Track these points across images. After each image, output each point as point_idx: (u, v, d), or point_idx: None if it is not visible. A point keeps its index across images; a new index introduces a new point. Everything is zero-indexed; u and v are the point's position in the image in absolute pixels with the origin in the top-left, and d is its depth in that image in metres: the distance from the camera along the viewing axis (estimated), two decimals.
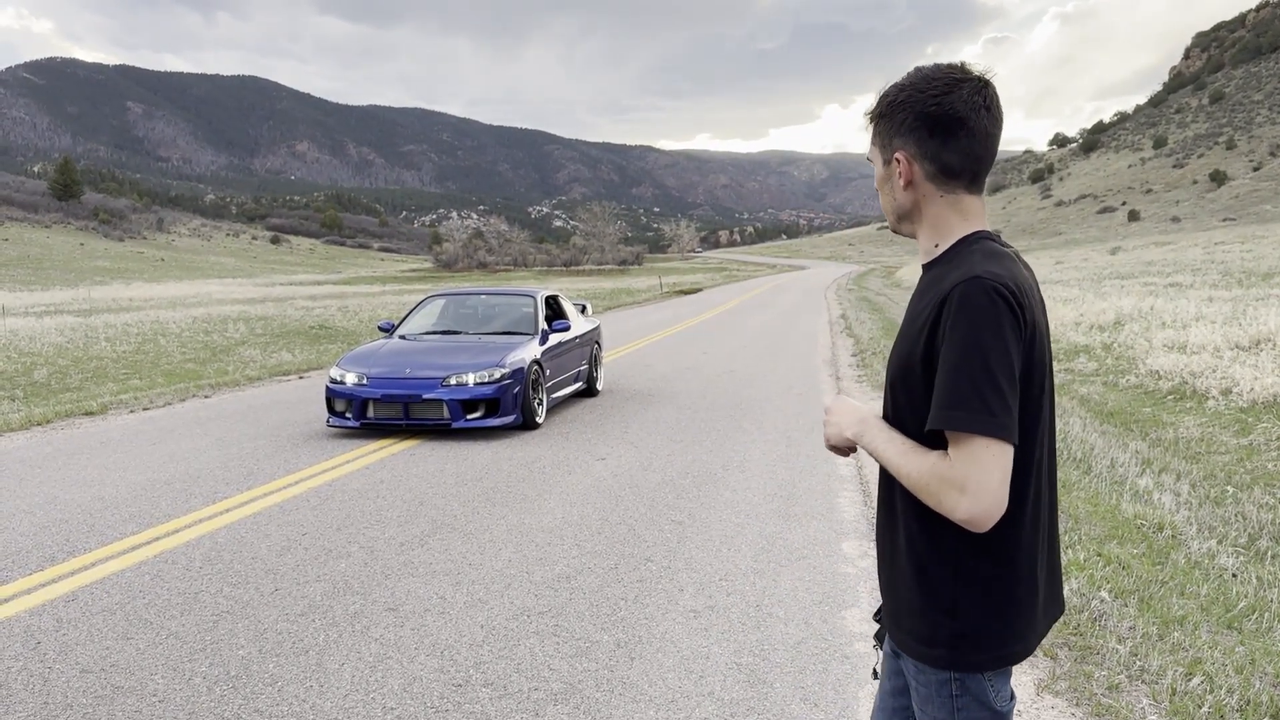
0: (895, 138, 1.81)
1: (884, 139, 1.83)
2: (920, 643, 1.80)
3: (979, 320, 1.63)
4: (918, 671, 1.83)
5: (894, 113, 1.80)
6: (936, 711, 1.80)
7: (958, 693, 1.78)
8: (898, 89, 1.80)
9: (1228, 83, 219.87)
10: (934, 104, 1.75)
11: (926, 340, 1.71)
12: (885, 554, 1.91)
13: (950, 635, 1.75)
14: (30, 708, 3.71)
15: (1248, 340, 12.84)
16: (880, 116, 1.83)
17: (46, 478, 7.78)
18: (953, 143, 1.76)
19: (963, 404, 1.61)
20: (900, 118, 1.79)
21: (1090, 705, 3.60)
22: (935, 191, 1.81)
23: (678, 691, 3.82)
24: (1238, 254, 45.53)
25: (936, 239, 1.83)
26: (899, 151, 1.80)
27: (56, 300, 47.61)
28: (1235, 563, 5.08)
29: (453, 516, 6.47)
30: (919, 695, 1.84)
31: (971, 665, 1.76)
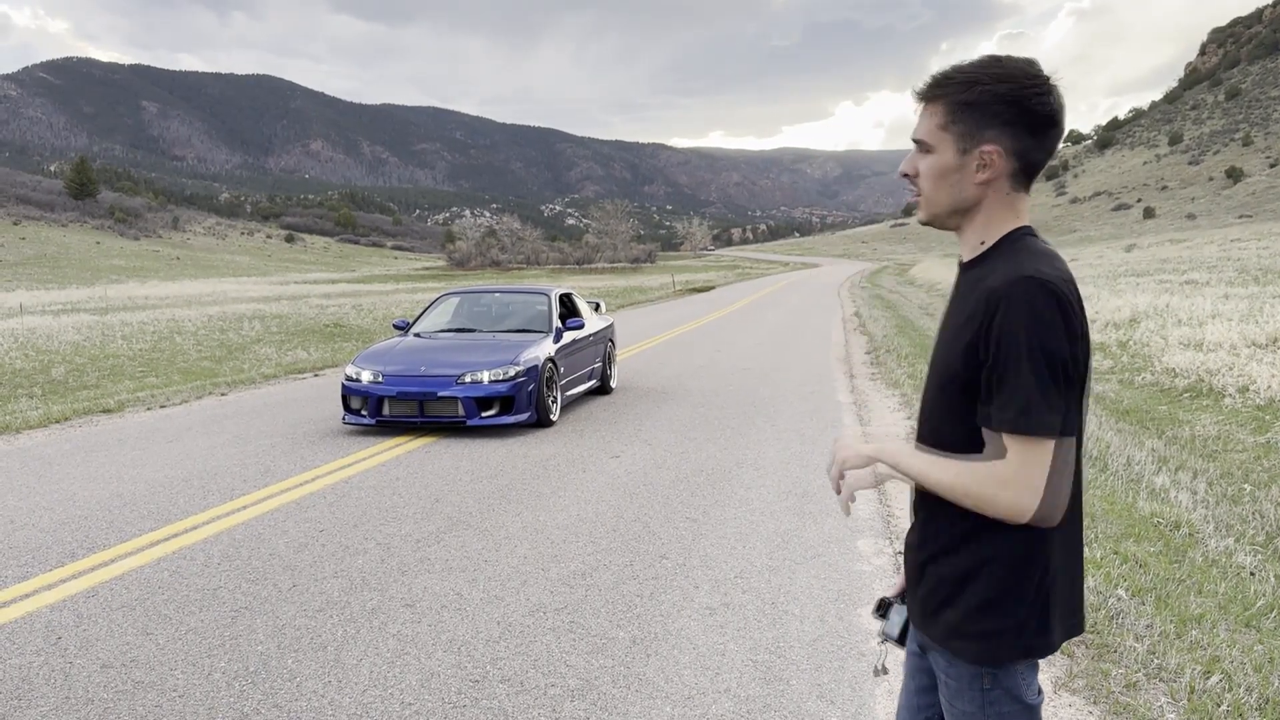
0: (988, 129, 1.72)
1: (968, 128, 1.73)
2: (954, 636, 1.78)
3: (1036, 319, 1.62)
4: (948, 665, 1.81)
5: (991, 104, 1.71)
6: (966, 705, 1.79)
7: (989, 686, 1.77)
8: (994, 78, 1.71)
9: (1244, 79, 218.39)
10: (1040, 102, 1.70)
11: (971, 340, 1.68)
12: (919, 545, 1.88)
13: (987, 628, 1.74)
14: (52, 702, 3.75)
15: (1265, 338, 12.77)
16: (968, 104, 1.72)
17: (65, 474, 7.83)
18: (1044, 142, 1.74)
19: (1025, 405, 1.61)
20: (998, 109, 1.71)
21: (1108, 703, 3.59)
22: (1005, 188, 1.77)
23: (694, 688, 3.83)
24: (1254, 251, 45.22)
25: (984, 236, 1.80)
26: (991, 145, 1.73)
27: (73, 298, 47.92)
28: (1253, 561, 5.06)
29: (468, 513, 6.49)
30: (949, 689, 1.82)
31: (1005, 658, 1.75)
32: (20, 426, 10.13)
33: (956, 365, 1.72)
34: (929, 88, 1.77)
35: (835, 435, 1.92)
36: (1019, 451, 1.62)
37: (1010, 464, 1.62)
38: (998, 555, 1.73)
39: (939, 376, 1.79)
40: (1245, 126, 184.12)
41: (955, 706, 1.82)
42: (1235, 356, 11.64)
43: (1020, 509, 1.62)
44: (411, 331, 11.29)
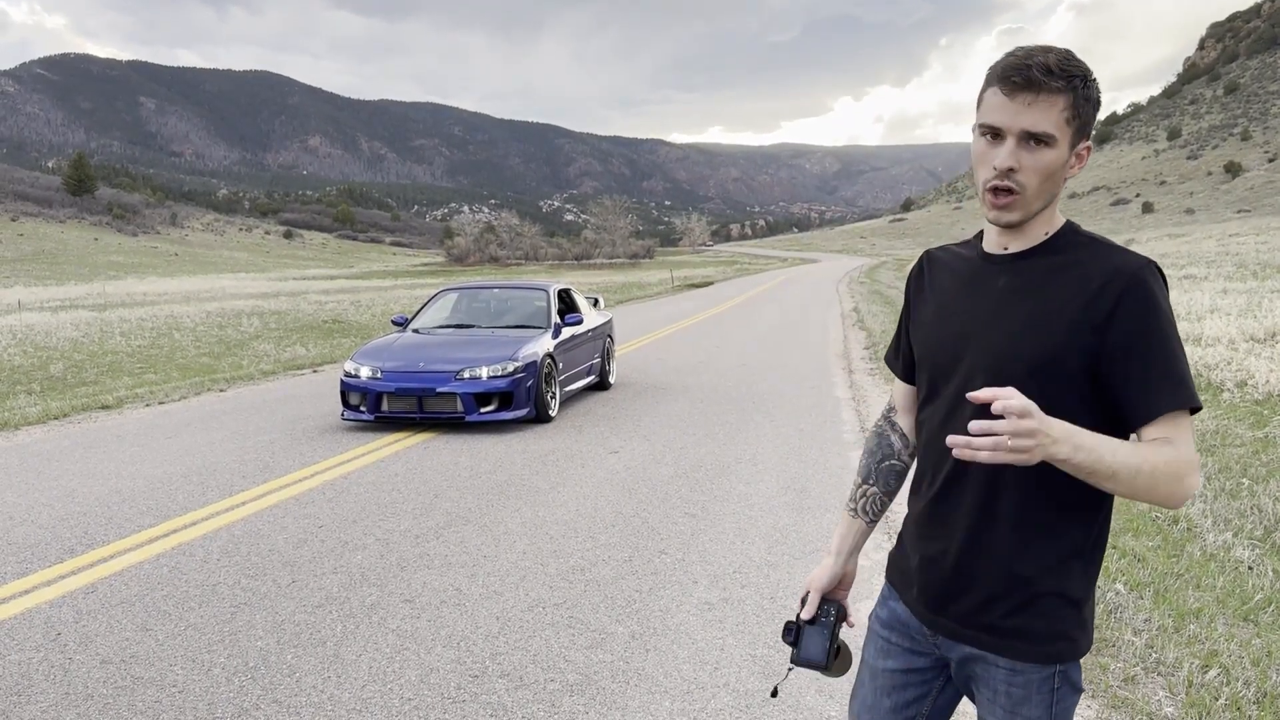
0: (1090, 125, 1.71)
1: (1085, 123, 1.69)
2: (1033, 643, 1.71)
3: (1167, 304, 1.65)
4: (1011, 675, 1.74)
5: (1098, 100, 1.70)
6: (1034, 710, 1.73)
7: (1059, 684, 1.73)
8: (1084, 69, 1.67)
9: (1242, 73, 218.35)
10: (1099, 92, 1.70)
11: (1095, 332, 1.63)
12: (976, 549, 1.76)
13: (1075, 625, 1.72)
14: (51, 698, 3.75)
15: (1263, 332, 12.78)
16: (1088, 100, 1.67)
17: (64, 471, 7.84)
18: None
19: (1188, 383, 1.62)
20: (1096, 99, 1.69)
21: (1106, 697, 3.60)
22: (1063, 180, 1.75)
23: (693, 683, 3.83)
24: (1252, 246, 45.23)
25: (1048, 227, 1.75)
26: (1088, 141, 1.71)
27: (71, 295, 47.89)
28: (1251, 555, 5.06)
29: (467, 509, 6.50)
30: (1010, 698, 1.74)
31: (1084, 651, 1.75)
32: (19, 423, 10.13)
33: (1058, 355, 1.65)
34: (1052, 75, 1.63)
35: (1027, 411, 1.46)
36: (1177, 430, 1.61)
37: (1188, 446, 1.60)
38: (1082, 549, 1.71)
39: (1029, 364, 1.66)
40: (1244, 121, 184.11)
41: (1019, 714, 1.74)
42: (1233, 351, 11.65)
43: (1187, 491, 1.59)
44: (410, 327, 11.29)
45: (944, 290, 1.88)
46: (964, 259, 1.87)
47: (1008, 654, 1.74)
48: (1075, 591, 1.71)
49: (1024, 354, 1.68)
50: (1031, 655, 1.72)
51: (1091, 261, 1.67)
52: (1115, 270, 1.64)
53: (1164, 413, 1.60)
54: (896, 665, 1.93)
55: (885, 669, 1.94)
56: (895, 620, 1.95)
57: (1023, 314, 1.70)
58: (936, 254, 1.97)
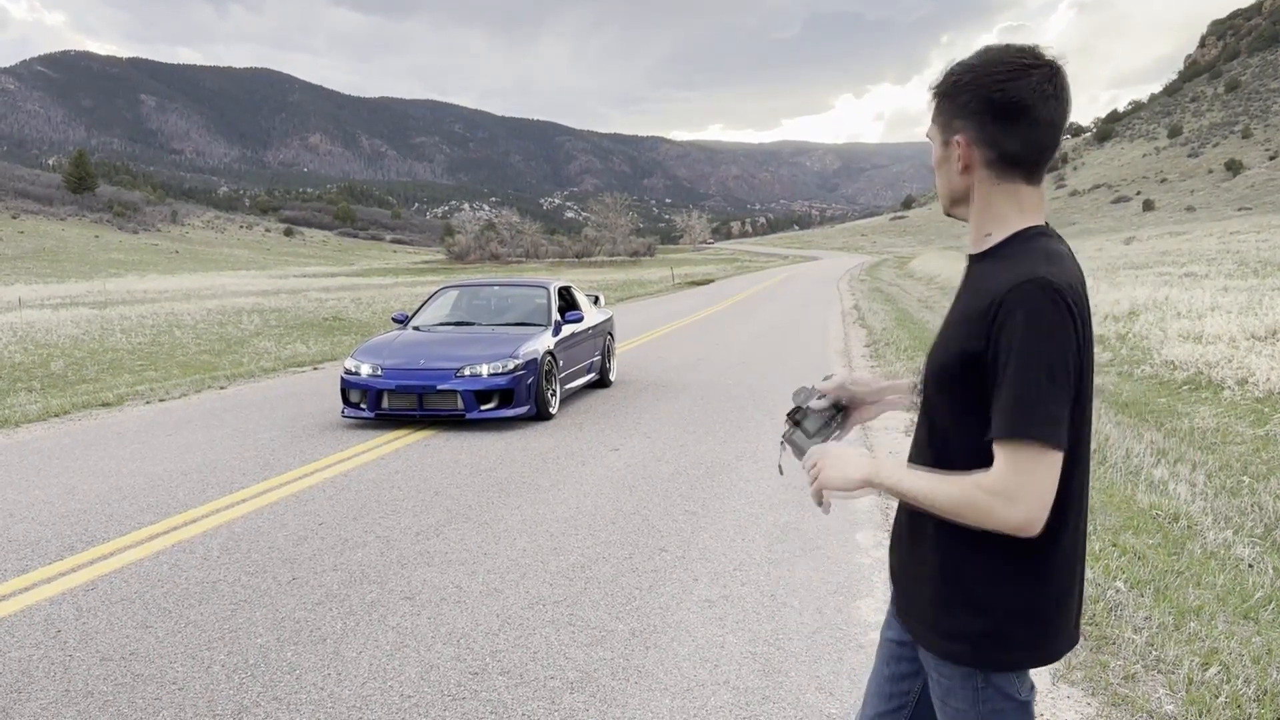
0: (956, 119, 1.73)
1: (945, 119, 1.75)
2: (941, 637, 1.77)
3: (1041, 325, 1.59)
4: (938, 663, 1.80)
5: (958, 93, 1.72)
6: (959, 703, 1.78)
7: (982, 685, 1.75)
8: (963, 68, 1.72)
9: (1244, 71, 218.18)
10: (999, 89, 1.67)
11: (976, 339, 1.65)
12: (905, 539, 1.88)
13: (976, 632, 1.72)
14: (51, 695, 3.75)
15: (1264, 330, 12.77)
16: (943, 95, 1.75)
17: (64, 468, 7.84)
18: (1014, 130, 1.69)
19: (1027, 412, 1.58)
20: (964, 99, 1.71)
21: (1106, 695, 3.60)
22: (992, 179, 1.74)
23: (693, 680, 3.83)
24: (1253, 244, 45.20)
25: (989, 229, 1.76)
26: (959, 134, 1.73)
27: (72, 293, 47.90)
28: (1251, 553, 5.06)
29: (467, 506, 6.49)
30: (940, 686, 1.81)
31: (995, 664, 1.74)
32: (19, 420, 10.13)
33: (951, 360, 1.70)
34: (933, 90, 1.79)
35: (820, 446, 1.81)
36: (1010, 457, 1.59)
37: (1010, 474, 1.58)
38: (1000, 561, 1.71)
39: (936, 370, 1.76)
40: (1245, 119, 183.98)
41: (948, 704, 1.80)
42: (1234, 349, 11.65)
43: (1002, 519, 1.59)
44: (410, 325, 11.29)
45: None
46: None
47: (923, 642, 1.84)
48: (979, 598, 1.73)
49: (935, 361, 1.77)
50: (938, 649, 1.79)
51: (1001, 273, 1.67)
52: (1002, 284, 1.64)
53: (994, 438, 1.61)
54: (894, 636, 2.02)
55: (886, 638, 2.04)
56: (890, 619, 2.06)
57: (950, 317, 1.79)
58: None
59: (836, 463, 1.81)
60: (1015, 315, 1.60)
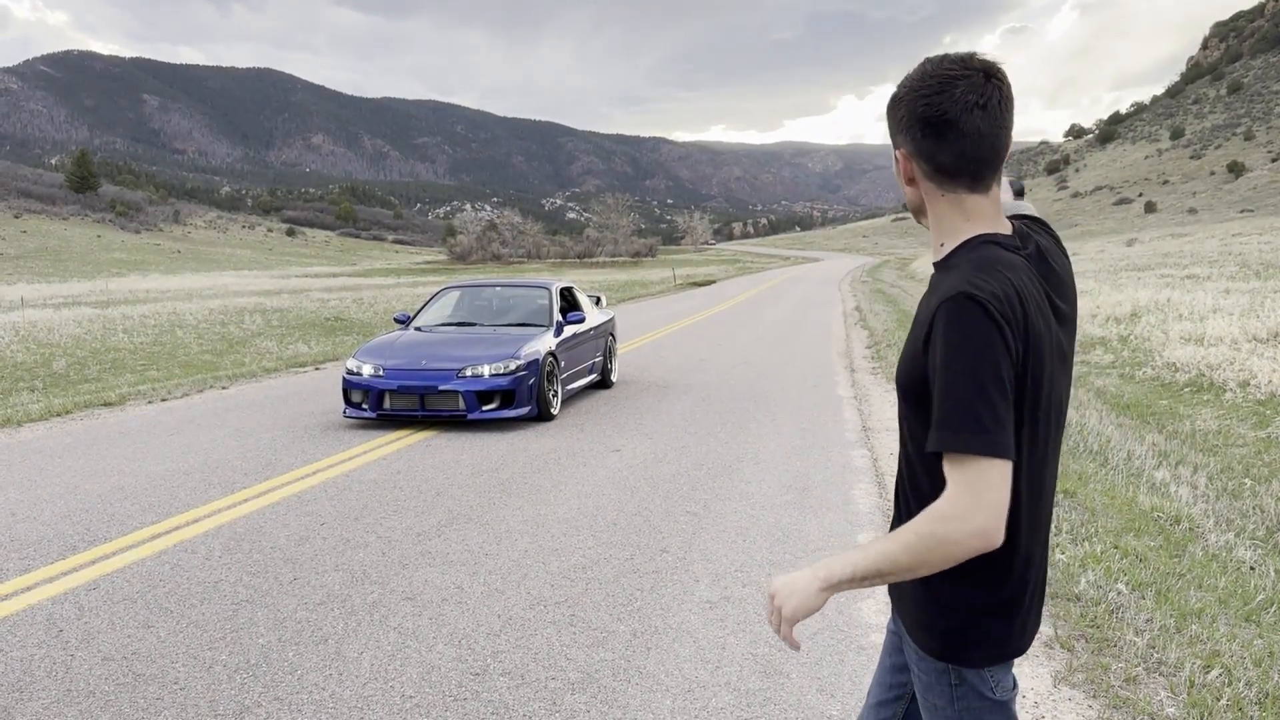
0: (896, 134, 1.76)
1: (891, 133, 1.80)
2: (919, 630, 1.81)
3: (964, 337, 1.58)
4: (919, 659, 1.84)
5: (894, 110, 1.75)
6: (936, 699, 1.82)
7: (956, 682, 1.79)
8: (901, 84, 1.75)
9: (1246, 73, 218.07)
10: (924, 104, 1.68)
11: (921, 351, 1.67)
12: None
13: (944, 629, 1.76)
14: (53, 695, 3.75)
15: (1266, 332, 12.76)
16: (886, 111, 1.78)
17: (66, 467, 7.84)
18: (944, 144, 1.68)
19: (957, 424, 1.56)
20: (899, 115, 1.74)
21: (1108, 697, 3.60)
22: (936, 190, 1.75)
23: (694, 681, 3.83)
24: (1255, 246, 45.16)
25: (942, 238, 1.78)
26: (899, 149, 1.77)
27: (74, 292, 47.93)
28: (1253, 555, 5.06)
29: (469, 507, 6.50)
30: (920, 682, 1.85)
31: (963, 660, 1.77)
32: (22, 420, 10.14)
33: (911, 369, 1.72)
34: None
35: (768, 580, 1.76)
36: (953, 472, 1.57)
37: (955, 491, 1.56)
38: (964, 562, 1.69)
39: (900, 381, 1.78)
40: (1247, 121, 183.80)
41: (928, 699, 1.84)
42: (1236, 351, 11.64)
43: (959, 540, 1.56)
44: (412, 325, 11.30)
45: None
46: None
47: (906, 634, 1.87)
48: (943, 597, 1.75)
49: (899, 369, 1.79)
50: (917, 641, 1.82)
51: (944, 284, 1.68)
52: (939, 298, 1.65)
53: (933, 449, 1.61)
54: (895, 628, 2.04)
55: (890, 629, 2.07)
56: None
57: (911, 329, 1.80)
58: None
59: (788, 592, 1.72)
60: (939, 330, 1.61)
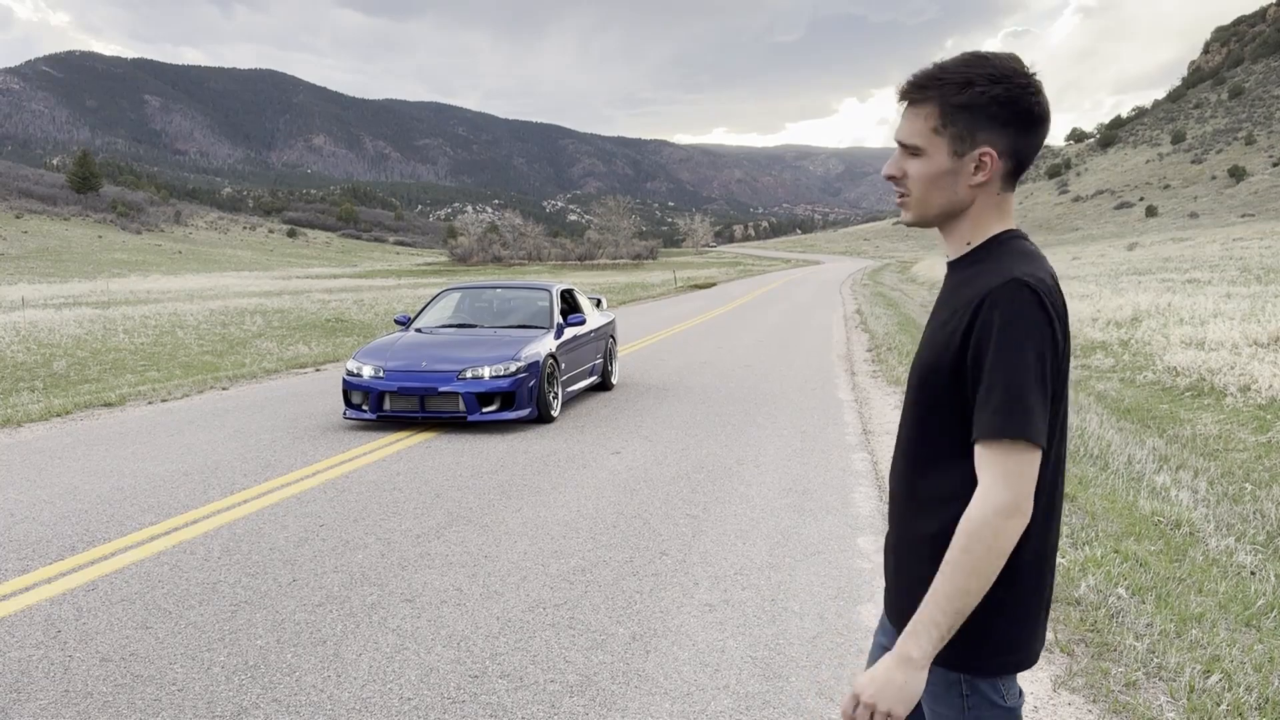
0: (981, 131, 1.67)
1: (963, 130, 1.68)
2: None
3: (1021, 325, 1.59)
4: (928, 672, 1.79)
5: (987, 105, 1.65)
6: (946, 710, 1.77)
7: (967, 692, 1.75)
8: (987, 79, 1.65)
9: (1247, 78, 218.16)
10: (1034, 102, 1.66)
11: (960, 343, 1.65)
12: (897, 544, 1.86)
13: (961, 637, 1.69)
14: (51, 695, 3.75)
15: (1266, 337, 12.75)
16: (962, 107, 1.66)
17: (66, 468, 7.84)
18: (1033, 142, 1.69)
19: (1011, 411, 1.56)
20: (994, 111, 1.66)
21: (1107, 702, 3.59)
22: (994, 189, 1.73)
23: (693, 684, 3.82)
24: (1257, 250, 45.15)
25: (970, 237, 1.76)
26: (986, 147, 1.68)
27: (75, 292, 47.94)
28: (1253, 560, 5.05)
29: (468, 509, 6.49)
30: (928, 693, 1.79)
31: (980, 669, 1.73)
32: (22, 420, 10.13)
33: (938, 365, 1.70)
34: (915, 88, 1.70)
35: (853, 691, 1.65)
36: (995, 458, 1.57)
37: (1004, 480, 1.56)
38: None
39: (920, 372, 1.76)
40: (1248, 125, 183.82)
41: (937, 711, 1.80)
42: (1237, 355, 11.63)
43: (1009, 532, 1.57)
44: (413, 327, 11.29)
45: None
46: None
47: None
48: None
49: (920, 362, 1.76)
50: None
51: (983, 274, 1.68)
52: (984, 285, 1.64)
53: (977, 439, 1.60)
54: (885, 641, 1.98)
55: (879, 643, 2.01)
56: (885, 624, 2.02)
57: (932, 323, 1.78)
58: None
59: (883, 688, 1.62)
60: (996, 316, 1.60)
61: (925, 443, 1.76)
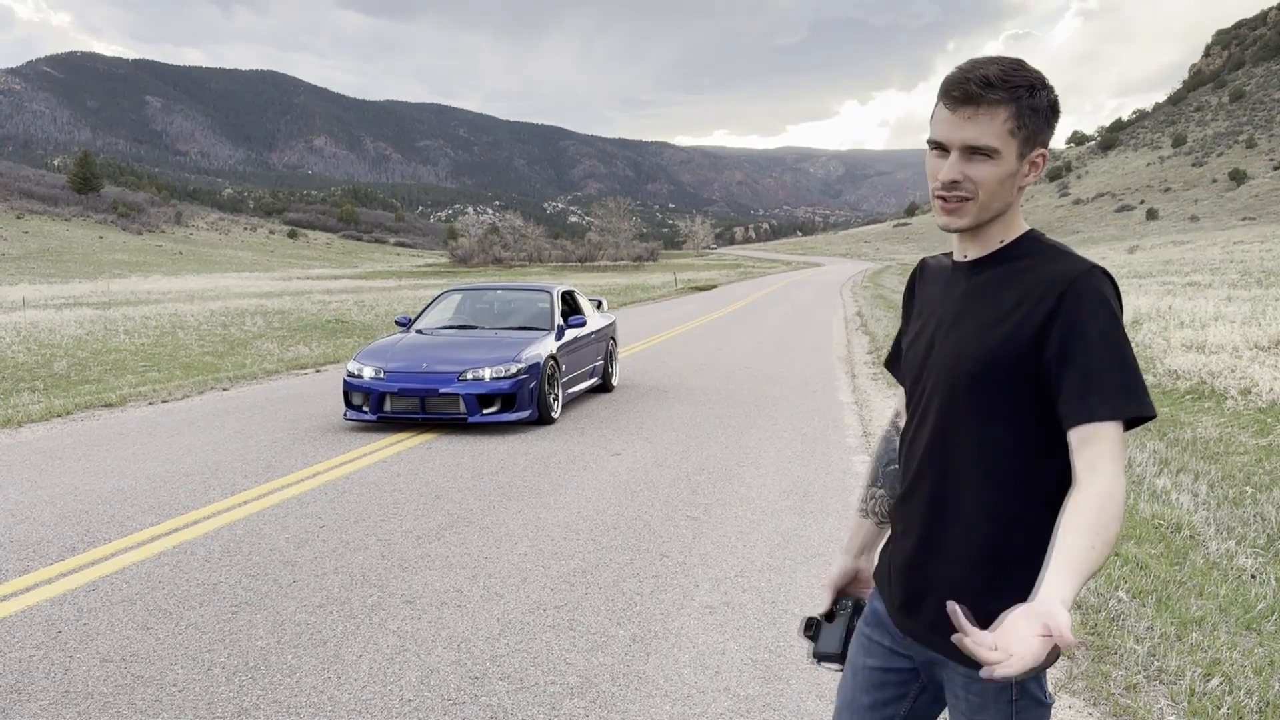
0: (1042, 133, 1.71)
1: (1032, 132, 1.70)
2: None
3: (1114, 309, 1.63)
4: (968, 682, 1.74)
5: (1049, 109, 1.70)
6: (992, 717, 1.74)
7: (1017, 696, 1.72)
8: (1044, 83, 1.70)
9: (1248, 81, 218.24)
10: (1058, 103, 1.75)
11: (1034, 334, 1.64)
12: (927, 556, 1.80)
13: None
14: (51, 696, 3.75)
15: (1267, 340, 12.76)
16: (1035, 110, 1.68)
17: (67, 468, 7.84)
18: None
19: (1132, 389, 1.58)
20: (1048, 114, 1.71)
21: (1108, 705, 3.59)
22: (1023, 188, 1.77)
23: (694, 687, 3.82)
24: (1257, 253, 45.17)
25: (1003, 235, 1.77)
26: (1041, 148, 1.72)
27: (76, 293, 47.96)
28: (1254, 564, 5.05)
29: (469, 510, 6.49)
30: (969, 704, 1.76)
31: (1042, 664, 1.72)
32: (22, 420, 10.14)
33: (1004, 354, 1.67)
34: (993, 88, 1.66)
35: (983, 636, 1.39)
36: (1105, 437, 1.57)
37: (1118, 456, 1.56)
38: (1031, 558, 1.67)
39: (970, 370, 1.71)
40: (1249, 129, 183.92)
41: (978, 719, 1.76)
42: (1237, 359, 11.63)
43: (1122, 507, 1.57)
44: (413, 328, 11.30)
45: (927, 299, 1.93)
46: (945, 267, 1.92)
47: (957, 659, 1.74)
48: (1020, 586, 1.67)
49: (969, 358, 1.72)
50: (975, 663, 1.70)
51: (1042, 267, 1.69)
52: (1061, 273, 1.65)
53: (1086, 421, 1.58)
54: (876, 663, 1.95)
55: (865, 666, 1.97)
56: (877, 618, 1.97)
57: (973, 319, 1.75)
58: (929, 262, 2.02)
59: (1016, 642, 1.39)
60: (1092, 301, 1.61)
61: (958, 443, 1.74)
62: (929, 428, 1.80)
